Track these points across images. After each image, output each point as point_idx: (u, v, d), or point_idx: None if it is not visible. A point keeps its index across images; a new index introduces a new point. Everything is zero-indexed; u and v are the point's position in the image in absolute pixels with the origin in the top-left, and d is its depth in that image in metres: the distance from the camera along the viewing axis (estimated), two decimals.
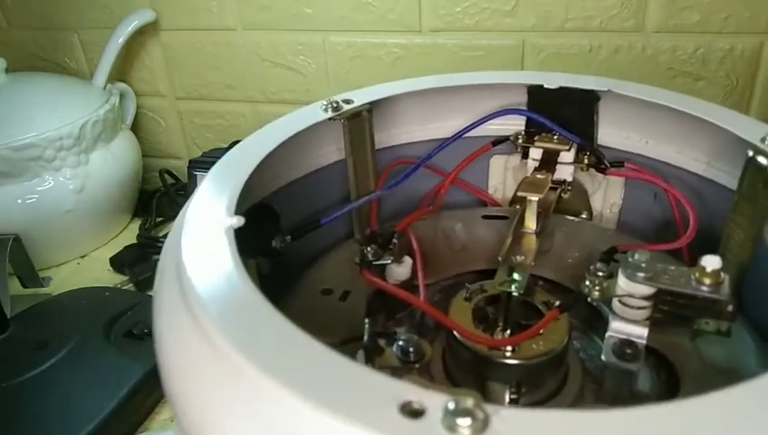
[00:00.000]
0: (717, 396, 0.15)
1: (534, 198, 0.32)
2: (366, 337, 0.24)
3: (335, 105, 0.32)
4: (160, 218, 0.73)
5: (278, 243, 0.27)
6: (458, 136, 0.35)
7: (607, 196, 0.37)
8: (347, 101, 0.32)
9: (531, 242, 0.32)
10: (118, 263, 0.64)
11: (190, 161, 0.46)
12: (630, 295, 0.24)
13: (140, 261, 0.63)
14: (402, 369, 0.23)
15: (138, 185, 0.73)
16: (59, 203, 0.62)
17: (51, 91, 0.66)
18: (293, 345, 0.17)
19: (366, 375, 0.16)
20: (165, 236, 0.69)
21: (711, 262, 0.23)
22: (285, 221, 0.31)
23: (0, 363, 0.47)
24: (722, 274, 0.23)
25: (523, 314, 0.28)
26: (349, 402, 0.15)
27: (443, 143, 0.36)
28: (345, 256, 0.33)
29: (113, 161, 0.66)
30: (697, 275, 0.23)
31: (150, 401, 0.47)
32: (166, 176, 0.74)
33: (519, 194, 0.33)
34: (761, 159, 0.26)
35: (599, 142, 0.35)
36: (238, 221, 0.23)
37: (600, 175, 0.36)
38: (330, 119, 0.31)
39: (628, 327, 0.25)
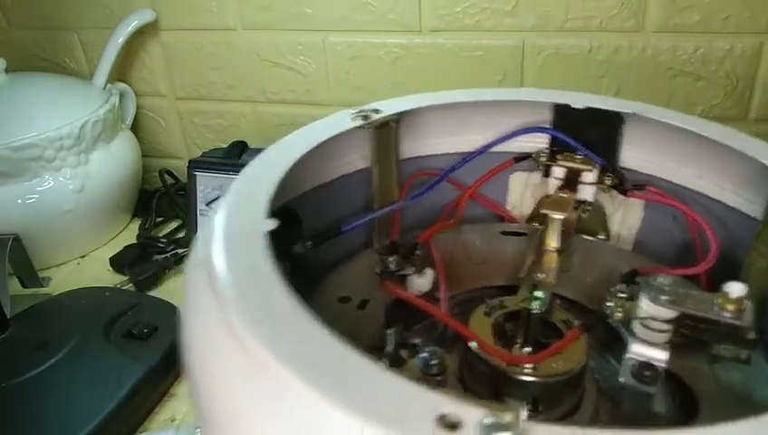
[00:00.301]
0: (749, 424, 0.15)
1: (558, 216, 0.32)
2: (389, 347, 0.25)
3: (364, 114, 0.32)
4: (160, 218, 0.73)
5: (299, 248, 0.27)
6: (484, 150, 0.35)
7: (625, 217, 0.37)
8: (375, 111, 0.33)
9: (552, 260, 0.32)
10: (118, 263, 0.64)
11: (190, 161, 0.46)
12: (652, 318, 0.24)
13: (140, 261, 0.63)
14: (423, 381, 0.23)
15: (138, 185, 0.73)
16: (59, 203, 0.62)
17: (51, 91, 0.66)
18: (331, 353, 0.17)
19: (401, 384, 0.16)
20: (165, 236, 0.69)
21: (735, 289, 0.23)
22: (306, 226, 0.31)
23: (0, 363, 0.47)
24: (745, 301, 0.23)
25: (542, 331, 0.28)
26: (384, 411, 0.15)
27: (468, 156, 0.36)
28: (364, 265, 0.33)
29: (113, 161, 0.66)
30: (720, 301, 0.23)
31: (150, 401, 0.47)
32: (166, 176, 0.74)
33: (542, 211, 0.33)
34: None
35: (620, 164, 0.35)
36: (272, 224, 0.23)
37: (619, 196, 0.36)
38: (358, 127, 0.32)
39: (648, 350, 0.25)
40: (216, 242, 0.22)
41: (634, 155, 0.35)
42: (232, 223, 0.23)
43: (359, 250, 0.35)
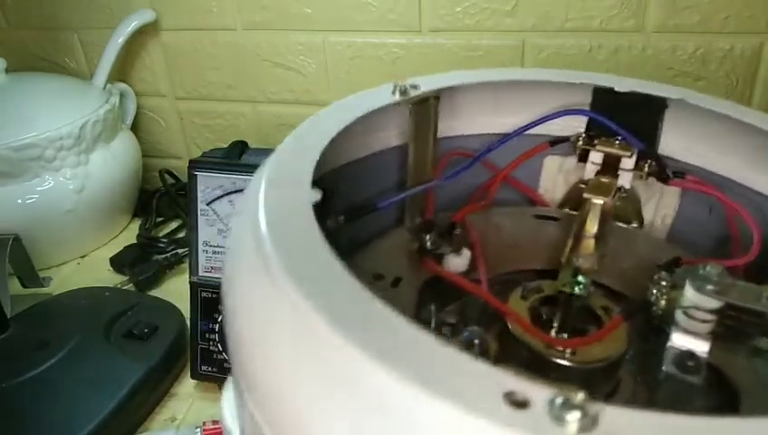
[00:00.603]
0: None
1: (600, 201, 0.31)
2: (432, 325, 0.24)
3: (402, 89, 0.31)
4: (160, 218, 0.73)
5: (332, 223, 0.26)
6: (521, 132, 0.34)
7: (660, 206, 0.36)
8: (414, 87, 0.32)
9: (590, 246, 0.31)
10: (118, 263, 0.64)
11: (190, 161, 0.46)
12: (696, 307, 0.24)
13: (140, 261, 0.64)
14: None
15: (138, 185, 0.73)
16: (59, 203, 0.62)
17: (51, 91, 0.66)
18: (392, 326, 0.16)
19: (465, 360, 0.15)
20: (165, 236, 0.69)
21: None
22: (339, 201, 0.30)
23: (0, 363, 0.47)
24: None
25: (580, 317, 0.27)
26: (450, 386, 0.14)
27: (505, 138, 0.35)
28: (396, 243, 0.33)
29: (113, 161, 0.66)
30: None
31: (150, 401, 0.47)
32: (166, 176, 0.74)
33: (585, 196, 0.32)
34: None
35: (660, 151, 0.35)
36: (317, 194, 0.22)
37: (655, 184, 0.35)
38: (397, 103, 0.31)
39: (690, 339, 0.25)
40: (262, 215, 0.21)
41: (674, 142, 0.34)
42: (276, 195, 0.23)
43: (390, 228, 0.34)
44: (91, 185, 0.63)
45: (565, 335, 0.27)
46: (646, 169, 0.34)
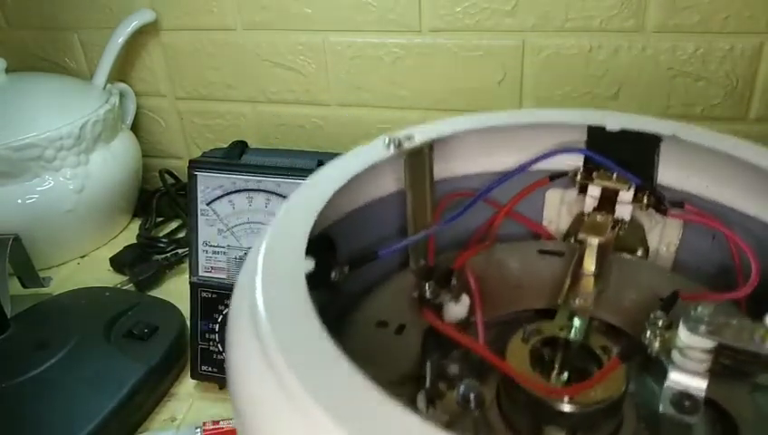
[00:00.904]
0: None
1: (595, 241, 0.32)
2: (428, 382, 0.25)
3: (397, 142, 0.32)
4: (160, 218, 0.73)
5: (337, 274, 0.27)
6: (519, 171, 0.35)
7: (664, 234, 0.36)
8: (409, 137, 0.33)
9: (589, 284, 0.32)
10: (118, 263, 0.64)
11: (190, 161, 0.46)
12: (691, 348, 0.24)
13: (140, 261, 0.64)
14: (462, 414, 0.24)
15: (138, 185, 0.73)
16: (59, 203, 0.62)
17: (51, 91, 0.66)
18: (374, 407, 0.18)
19: None
20: (165, 236, 0.69)
21: None
22: (342, 251, 0.31)
23: (0, 363, 0.47)
24: None
25: (580, 357, 0.28)
26: None
27: (503, 177, 0.36)
28: (400, 287, 0.33)
29: (113, 161, 0.66)
30: (762, 332, 0.23)
31: (150, 401, 0.47)
32: (166, 176, 0.74)
33: (579, 236, 0.33)
34: None
35: (658, 182, 0.35)
36: (309, 265, 0.24)
37: (657, 214, 0.36)
38: (392, 156, 0.32)
39: (687, 379, 0.25)
40: (259, 285, 0.23)
41: (671, 173, 0.35)
42: (272, 262, 0.24)
43: (395, 271, 0.35)
44: (91, 185, 0.63)
45: (566, 376, 0.27)
46: (645, 200, 0.34)
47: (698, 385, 0.24)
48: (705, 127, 0.34)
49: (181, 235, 0.70)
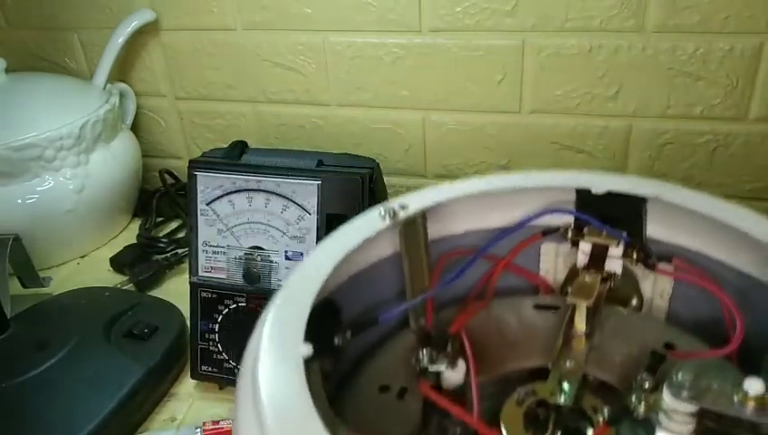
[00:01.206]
0: None
1: (584, 304, 0.33)
2: None
3: (392, 213, 0.34)
4: (160, 218, 0.73)
5: (340, 340, 0.28)
6: (513, 230, 0.37)
7: (657, 283, 0.37)
8: (402, 207, 0.34)
9: (580, 344, 0.32)
10: (118, 263, 0.64)
11: (190, 161, 0.46)
12: (675, 411, 0.25)
13: (140, 261, 0.64)
14: None
15: (138, 185, 0.73)
16: (59, 203, 0.62)
17: (51, 91, 0.66)
18: None
19: None
20: (165, 236, 0.69)
21: (753, 386, 0.23)
22: (344, 314, 0.32)
23: (0, 363, 0.47)
24: (766, 396, 0.23)
25: (572, 418, 0.29)
26: None
27: (497, 236, 0.37)
28: (401, 349, 0.35)
29: (113, 161, 0.66)
30: (741, 396, 0.23)
31: (150, 401, 0.47)
32: (166, 176, 0.74)
33: (569, 301, 0.33)
34: None
35: (647, 235, 0.36)
36: (306, 350, 0.25)
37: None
38: (389, 226, 0.33)
39: None
40: (261, 367, 0.24)
41: (659, 229, 0.36)
42: (275, 345, 0.26)
43: (395, 331, 0.36)
44: (91, 185, 0.63)
45: None
46: (634, 255, 0.35)
47: None
48: (688, 188, 0.35)
49: (181, 235, 0.70)
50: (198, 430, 0.43)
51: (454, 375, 0.32)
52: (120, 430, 0.45)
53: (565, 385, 0.29)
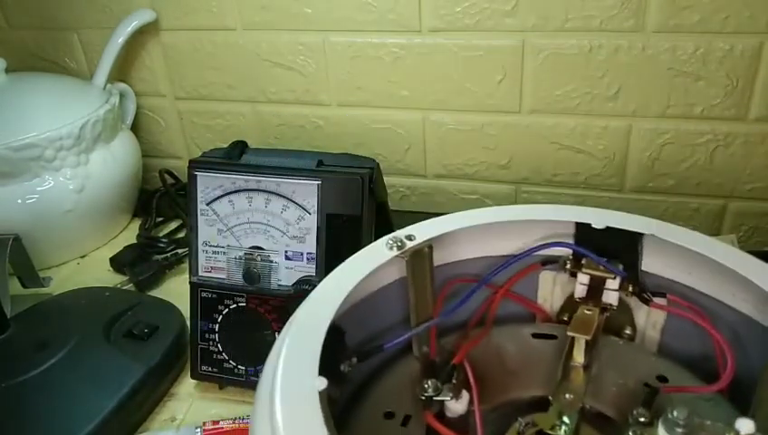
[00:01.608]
0: None
1: (583, 338, 0.34)
2: None
3: (399, 244, 0.35)
4: (160, 218, 0.73)
5: (346, 367, 0.29)
6: (513, 261, 0.38)
7: (650, 315, 0.38)
8: (409, 238, 0.35)
9: (579, 376, 0.33)
10: (118, 263, 0.64)
11: (190, 161, 0.46)
12: None
13: (140, 261, 0.64)
14: None
15: (138, 185, 0.73)
16: (59, 203, 0.62)
17: (51, 91, 0.66)
18: None
19: None
20: (165, 236, 0.69)
21: (744, 427, 0.24)
22: (350, 339, 0.33)
23: (0, 363, 0.47)
24: None
25: None
26: None
27: (499, 266, 0.38)
28: (404, 375, 0.36)
29: (113, 161, 0.66)
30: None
31: (150, 401, 0.47)
32: (166, 176, 0.74)
33: (569, 334, 0.34)
34: None
35: (643, 269, 0.37)
36: (321, 383, 0.26)
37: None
38: (396, 256, 0.35)
39: None
40: (278, 400, 0.25)
41: (654, 263, 0.37)
42: (289, 380, 0.26)
43: (400, 356, 0.37)
44: (91, 185, 0.63)
45: None
46: (630, 288, 0.37)
47: None
48: (682, 226, 0.36)
49: (181, 235, 0.70)
50: (198, 429, 0.43)
51: (457, 406, 0.33)
52: (120, 430, 0.45)
53: (565, 419, 0.30)
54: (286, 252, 0.46)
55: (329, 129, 0.69)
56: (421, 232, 0.36)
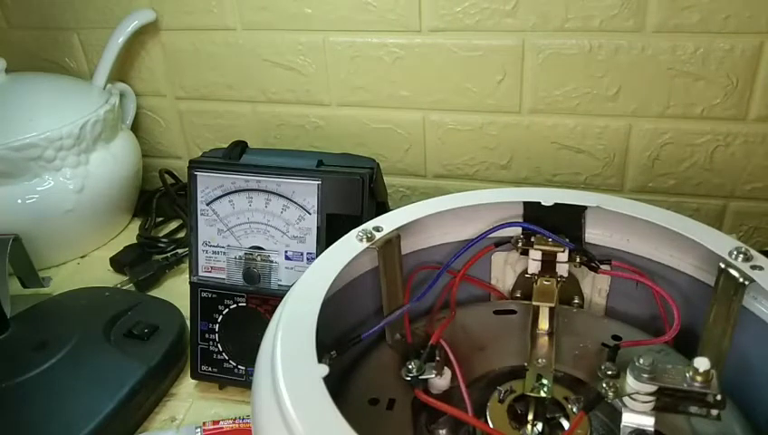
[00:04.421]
0: None
1: (547, 306, 0.37)
2: None
3: (369, 235, 0.37)
4: (160, 218, 0.73)
5: (326, 361, 0.30)
6: (470, 245, 0.42)
7: (595, 283, 0.43)
8: (377, 229, 0.38)
9: (546, 343, 0.37)
10: (118, 263, 0.64)
11: (190, 161, 0.46)
12: (638, 392, 0.29)
13: (140, 261, 0.64)
14: None
15: (138, 185, 0.73)
16: (59, 203, 0.62)
17: (51, 91, 0.66)
18: None
19: None
20: (165, 236, 0.69)
21: (702, 363, 0.28)
22: (328, 333, 0.34)
23: (0, 363, 0.47)
24: (711, 371, 0.28)
25: (550, 409, 0.33)
26: None
27: (459, 251, 0.42)
28: (381, 362, 0.38)
29: (113, 161, 0.66)
30: (691, 373, 0.28)
31: (150, 401, 0.47)
32: (166, 176, 0.74)
33: (534, 304, 0.38)
34: (732, 271, 0.32)
35: (588, 241, 0.41)
36: (323, 370, 0.27)
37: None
38: (367, 248, 0.37)
39: (638, 417, 0.30)
40: (283, 390, 0.26)
41: (599, 234, 0.41)
42: (289, 367, 0.28)
43: (374, 344, 0.39)
44: (90, 185, 0.63)
45: (540, 426, 0.32)
46: (578, 259, 0.41)
47: (648, 422, 0.30)
48: (626, 197, 0.41)
49: (181, 235, 0.70)
50: (198, 429, 0.43)
51: (441, 382, 0.35)
52: (120, 430, 0.45)
53: (544, 380, 0.33)
54: (286, 252, 0.46)
55: (329, 129, 0.69)
56: (387, 223, 0.38)
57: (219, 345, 0.47)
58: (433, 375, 0.34)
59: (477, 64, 0.61)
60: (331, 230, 0.44)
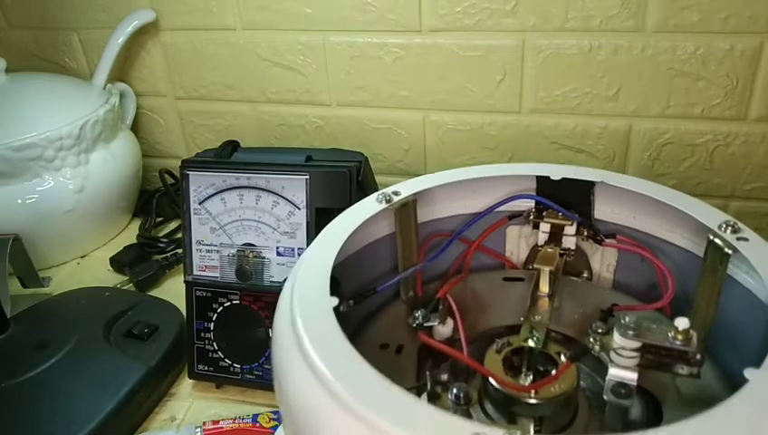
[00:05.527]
0: (694, 420, 0.23)
1: (547, 269, 0.39)
2: (429, 386, 0.32)
3: (387, 198, 0.40)
4: (160, 218, 0.73)
5: (344, 308, 0.33)
6: (484, 214, 0.44)
7: (603, 258, 0.45)
8: (396, 193, 0.40)
9: (545, 303, 0.39)
10: (118, 263, 0.64)
11: (183, 161, 0.46)
12: (623, 348, 0.31)
13: (140, 261, 0.64)
14: (454, 410, 0.31)
15: (138, 185, 0.73)
16: (59, 203, 0.62)
17: (51, 91, 0.66)
18: (397, 399, 0.25)
19: (449, 417, 0.24)
20: (165, 236, 0.69)
21: (681, 323, 0.30)
22: (347, 287, 0.38)
23: (0, 363, 0.47)
24: (691, 331, 0.30)
25: (542, 361, 0.35)
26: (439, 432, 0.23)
27: (471, 220, 0.44)
28: (395, 314, 0.41)
29: (113, 161, 0.66)
30: (673, 332, 0.30)
31: (150, 401, 0.48)
32: (166, 176, 0.74)
33: (535, 266, 0.40)
34: (718, 241, 0.35)
35: (595, 216, 0.43)
36: (334, 301, 0.31)
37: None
38: (385, 208, 0.40)
39: (622, 372, 0.32)
40: (299, 317, 0.30)
41: (605, 210, 0.43)
42: (306, 302, 0.31)
43: (389, 301, 0.42)
44: (91, 185, 0.63)
45: (531, 376, 0.35)
46: (585, 233, 0.43)
47: (631, 377, 0.31)
48: (627, 175, 0.42)
49: (181, 235, 0.70)
50: (198, 429, 0.44)
51: (443, 329, 0.38)
52: (120, 430, 0.45)
53: (535, 333, 0.36)
54: (278, 248, 0.46)
55: (329, 129, 0.69)
56: (405, 188, 0.41)
57: (215, 344, 0.47)
58: (436, 323, 0.38)
59: (477, 64, 0.61)
60: (320, 224, 0.44)
